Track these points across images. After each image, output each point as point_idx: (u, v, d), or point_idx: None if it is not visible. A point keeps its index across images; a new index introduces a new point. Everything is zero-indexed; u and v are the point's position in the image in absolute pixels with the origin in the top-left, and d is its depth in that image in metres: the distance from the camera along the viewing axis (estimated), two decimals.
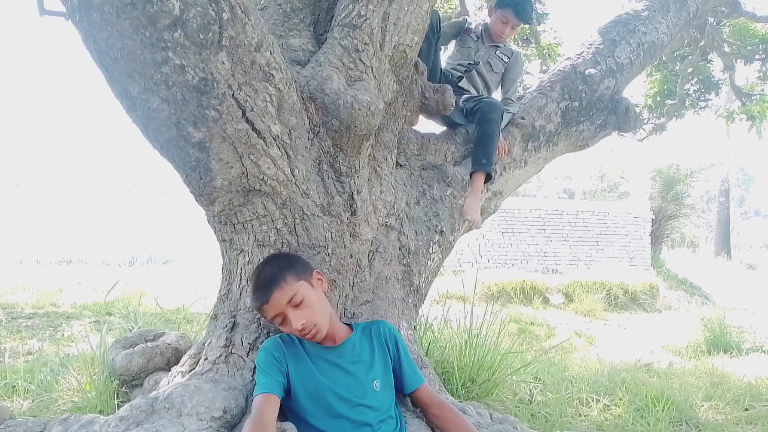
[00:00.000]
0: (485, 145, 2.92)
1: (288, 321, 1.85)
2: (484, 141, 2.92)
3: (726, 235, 21.49)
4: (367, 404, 1.86)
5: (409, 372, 2.06)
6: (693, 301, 11.80)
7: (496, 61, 3.31)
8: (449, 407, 2.06)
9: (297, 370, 1.86)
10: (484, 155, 2.89)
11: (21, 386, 2.86)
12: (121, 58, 1.78)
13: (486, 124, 2.93)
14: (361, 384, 1.89)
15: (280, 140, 2.04)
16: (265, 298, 1.84)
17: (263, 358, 1.86)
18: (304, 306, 1.85)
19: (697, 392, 3.58)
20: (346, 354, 1.94)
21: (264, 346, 1.92)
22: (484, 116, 2.95)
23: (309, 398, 1.83)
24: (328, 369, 1.89)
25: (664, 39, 3.72)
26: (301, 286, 1.87)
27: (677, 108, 6.28)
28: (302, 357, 1.90)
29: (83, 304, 6.51)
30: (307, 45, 2.46)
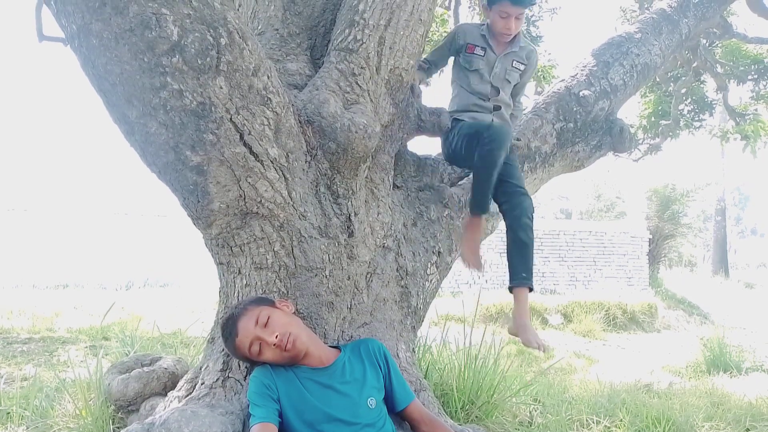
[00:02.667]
0: (523, 255, 2.52)
1: (263, 341, 1.86)
2: (521, 250, 2.52)
3: (723, 254, 21.51)
4: (364, 422, 1.85)
5: (399, 389, 2.05)
6: (692, 321, 11.77)
7: (514, 73, 2.84)
8: (440, 424, 2.05)
9: (288, 395, 1.86)
10: (523, 267, 2.50)
11: (15, 413, 2.83)
12: (119, 83, 1.80)
13: (520, 230, 2.52)
14: (355, 403, 1.88)
15: (277, 163, 2.05)
16: (234, 332, 1.89)
17: (254, 389, 1.87)
18: (272, 322, 1.89)
19: (698, 412, 3.55)
20: (336, 374, 1.94)
21: (253, 376, 1.93)
22: (517, 221, 2.53)
23: (302, 423, 1.83)
24: (319, 391, 1.88)
25: (657, 60, 3.76)
26: (263, 309, 1.92)
27: (672, 128, 6.34)
28: (292, 381, 1.89)
29: (79, 328, 6.47)
30: (304, 69, 2.49)
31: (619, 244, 14.06)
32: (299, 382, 1.89)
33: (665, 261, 17.87)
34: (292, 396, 1.86)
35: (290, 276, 2.19)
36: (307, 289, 2.20)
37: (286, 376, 1.90)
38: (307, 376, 1.91)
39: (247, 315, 1.90)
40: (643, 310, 10.92)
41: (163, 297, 9.78)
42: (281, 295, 2.20)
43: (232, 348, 1.93)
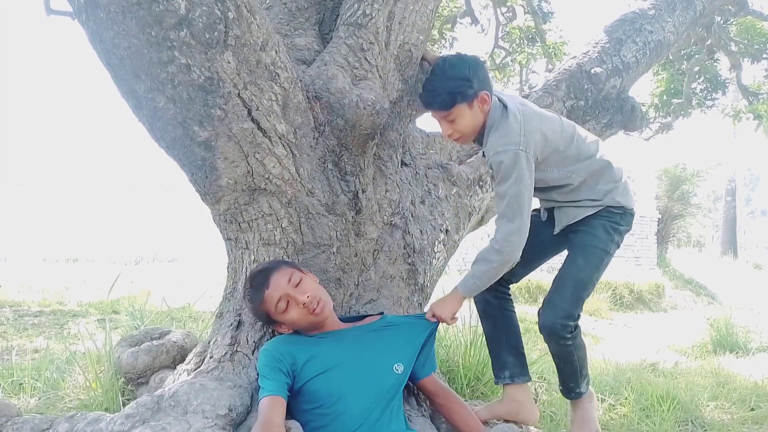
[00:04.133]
0: (563, 370, 2.23)
1: (292, 300, 1.88)
2: (560, 365, 2.22)
3: (732, 234, 21.40)
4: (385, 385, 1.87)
5: (429, 359, 2.09)
6: (699, 301, 11.76)
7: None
8: (454, 396, 2.10)
9: (302, 360, 1.86)
10: (571, 379, 2.22)
11: (28, 384, 2.87)
12: (127, 57, 1.79)
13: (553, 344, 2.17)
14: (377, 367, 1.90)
15: (285, 139, 2.04)
16: (266, 283, 1.89)
17: (264, 361, 1.87)
18: (304, 284, 1.92)
19: (703, 392, 3.56)
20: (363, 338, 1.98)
21: (263, 349, 1.93)
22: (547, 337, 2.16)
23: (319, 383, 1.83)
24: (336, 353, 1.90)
25: (670, 38, 3.70)
26: (295, 271, 1.95)
27: (684, 107, 6.26)
28: (308, 346, 1.91)
29: (89, 302, 6.54)
30: (312, 44, 2.47)
31: None
32: (317, 348, 1.91)
33: (674, 241, 17.82)
34: (309, 362, 1.86)
35: (298, 252, 2.20)
36: (315, 266, 2.21)
37: (303, 344, 1.92)
38: (328, 340, 1.95)
39: (281, 271, 1.93)
40: (650, 290, 10.92)
41: (171, 272, 9.85)
42: None
43: (259, 300, 1.91)
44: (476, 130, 2.12)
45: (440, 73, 2.05)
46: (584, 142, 2.15)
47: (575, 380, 2.21)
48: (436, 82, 2.06)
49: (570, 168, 2.11)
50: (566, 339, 2.09)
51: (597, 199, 2.12)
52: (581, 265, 2.11)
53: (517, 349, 2.29)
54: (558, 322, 2.07)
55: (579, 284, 2.11)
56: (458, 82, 2.01)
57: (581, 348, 2.18)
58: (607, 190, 2.12)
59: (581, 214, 2.14)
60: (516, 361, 2.26)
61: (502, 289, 2.30)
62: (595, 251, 2.11)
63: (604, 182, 2.13)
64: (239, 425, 1.88)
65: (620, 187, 2.14)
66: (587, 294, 2.13)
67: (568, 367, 2.18)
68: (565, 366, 2.19)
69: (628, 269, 12.75)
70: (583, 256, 2.12)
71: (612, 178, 2.14)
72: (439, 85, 2.05)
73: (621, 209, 2.12)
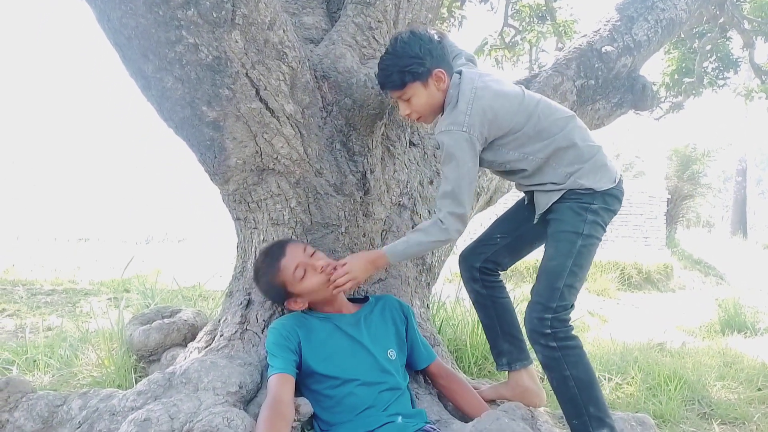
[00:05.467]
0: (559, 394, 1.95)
1: (309, 267, 1.92)
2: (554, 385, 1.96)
3: (742, 214, 21.25)
4: (386, 370, 1.90)
5: (422, 348, 2.10)
6: (707, 281, 11.74)
7: None
8: (457, 378, 2.12)
9: (308, 341, 1.89)
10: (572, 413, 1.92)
11: (41, 361, 2.92)
12: (135, 37, 1.78)
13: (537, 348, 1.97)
14: (376, 352, 1.92)
15: (293, 119, 2.04)
16: (282, 253, 1.93)
17: (272, 340, 1.89)
18: (318, 254, 1.98)
19: (710, 372, 3.57)
20: (360, 323, 1.99)
21: (272, 327, 1.95)
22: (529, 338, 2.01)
23: (325, 365, 1.86)
24: (343, 339, 1.93)
25: (682, 16, 3.65)
26: (307, 245, 2.02)
27: (695, 86, 6.18)
28: (314, 328, 1.94)
29: (101, 281, 6.60)
30: (320, 23, 2.45)
31: (636, 203, 13.94)
32: (322, 328, 1.94)
33: (683, 221, 17.73)
34: (313, 342, 1.90)
35: (306, 232, 2.21)
36: (323, 246, 2.22)
37: (307, 325, 1.94)
38: (331, 321, 1.96)
39: (295, 243, 2.00)
40: (659, 270, 10.90)
41: (181, 251, 9.92)
42: None
43: (275, 269, 1.92)
44: (435, 109, 2.02)
45: (392, 51, 1.94)
46: (546, 120, 1.98)
47: (580, 418, 1.88)
48: (388, 60, 1.95)
49: (527, 149, 1.97)
50: (547, 338, 1.90)
51: (559, 183, 1.97)
52: (551, 254, 1.98)
53: (512, 335, 2.22)
54: (534, 316, 1.92)
55: (551, 274, 1.95)
56: (409, 60, 1.90)
57: (578, 366, 1.90)
58: (569, 173, 1.96)
59: (550, 200, 2.00)
60: (512, 347, 2.20)
61: (491, 278, 2.22)
62: (565, 236, 1.95)
63: (568, 164, 1.96)
64: (249, 402, 1.91)
65: (585, 168, 1.96)
66: (565, 282, 1.92)
67: (563, 387, 1.90)
68: (559, 385, 1.92)
69: (637, 249, 12.72)
70: (552, 245, 1.99)
71: (577, 159, 1.96)
72: (391, 64, 1.93)
73: (589, 190, 1.95)
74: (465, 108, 1.91)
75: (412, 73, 1.91)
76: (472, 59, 2.24)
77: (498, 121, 1.93)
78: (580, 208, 1.95)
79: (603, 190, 1.96)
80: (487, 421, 1.78)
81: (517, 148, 1.98)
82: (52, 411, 1.91)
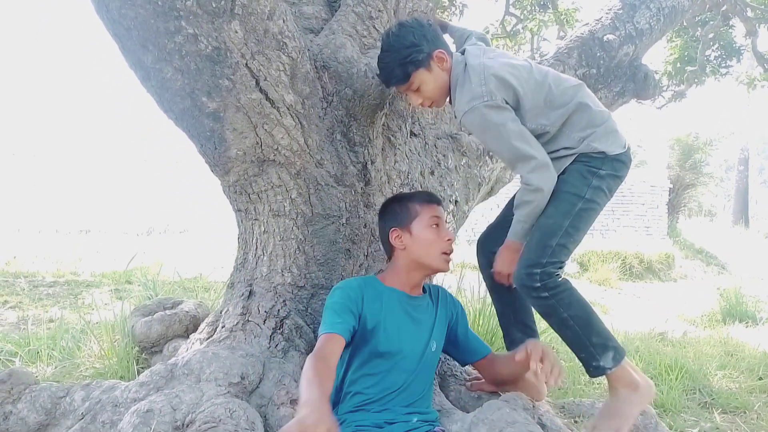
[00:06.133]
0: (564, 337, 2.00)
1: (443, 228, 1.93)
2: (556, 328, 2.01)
3: (744, 204, 21.21)
4: (425, 359, 1.87)
5: (476, 342, 2.08)
6: (709, 271, 11.73)
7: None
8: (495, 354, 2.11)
9: (371, 310, 1.82)
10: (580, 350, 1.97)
11: (44, 353, 2.93)
12: (134, 27, 1.77)
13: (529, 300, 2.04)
14: (425, 339, 1.89)
15: (293, 110, 2.03)
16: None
17: (338, 298, 1.79)
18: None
19: (711, 361, 3.58)
20: (422, 308, 1.93)
21: (341, 286, 1.85)
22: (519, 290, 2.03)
23: (381, 336, 1.80)
24: (402, 313, 1.86)
25: (684, 3, 3.62)
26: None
27: (697, 75, 6.15)
28: (381, 297, 1.85)
29: (103, 272, 6.62)
30: (320, 12, 2.43)
31: (638, 193, 13.92)
32: (388, 301, 1.85)
33: (685, 210, 17.69)
34: (376, 311, 1.82)
35: (307, 223, 2.21)
36: (324, 237, 2.22)
37: (376, 293, 1.85)
38: (400, 298, 1.88)
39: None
40: (661, 260, 10.89)
41: (182, 243, 9.93)
42: (298, 243, 2.22)
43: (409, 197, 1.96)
44: (444, 90, 2.01)
45: (387, 48, 1.94)
46: (557, 89, 1.97)
47: (585, 350, 1.94)
48: (386, 57, 1.95)
49: (541, 120, 1.96)
50: (537, 290, 1.90)
51: (572, 147, 1.97)
52: (549, 212, 1.95)
53: (525, 324, 2.22)
54: (523, 271, 1.92)
55: (545, 231, 1.94)
56: (406, 51, 1.90)
57: (572, 307, 1.94)
58: (583, 137, 1.95)
59: (562, 166, 1.99)
60: (524, 336, 2.17)
61: None
62: (566, 196, 1.94)
63: (581, 128, 1.96)
64: (251, 393, 1.92)
65: (599, 131, 1.96)
66: (558, 241, 1.92)
67: (566, 331, 1.95)
68: (561, 330, 1.97)
69: (639, 239, 12.71)
70: (553, 204, 1.95)
71: (590, 124, 1.97)
72: (390, 60, 1.94)
73: (601, 154, 1.95)
74: (479, 80, 1.89)
75: (413, 63, 1.91)
76: (483, 38, 2.24)
77: (512, 89, 1.91)
78: (588, 171, 1.95)
79: (614, 154, 1.96)
80: (488, 410, 1.79)
81: (533, 119, 1.96)
82: (55, 402, 1.92)
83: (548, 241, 1.92)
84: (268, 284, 2.24)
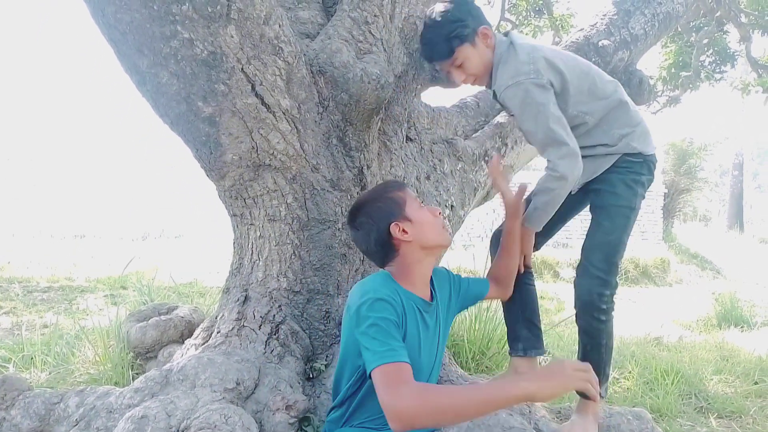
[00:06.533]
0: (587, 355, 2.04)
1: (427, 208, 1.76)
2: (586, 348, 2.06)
3: (739, 208, 21.30)
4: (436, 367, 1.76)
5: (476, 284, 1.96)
6: (704, 275, 11.76)
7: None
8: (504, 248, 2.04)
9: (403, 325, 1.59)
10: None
11: (38, 358, 2.91)
12: (129, 32, 1.77)
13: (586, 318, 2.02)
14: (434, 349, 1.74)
15: (289, 114, 2.03)
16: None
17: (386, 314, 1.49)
18: None
19: (707, 366, 3.58)
20: (435, 313, 1.75)
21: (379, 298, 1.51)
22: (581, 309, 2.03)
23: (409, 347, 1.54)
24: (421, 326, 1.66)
25: (679, 9, 3.64)
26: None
27: (692, 80, 6.18)
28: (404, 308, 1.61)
29: (97, 278, 6.60)
30: (316, 17, 2.44)
31: None
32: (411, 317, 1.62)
33: (680, 215, 17.76)
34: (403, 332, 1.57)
35: (303, 228, 2.20)
36: (320, 241, 2.21)
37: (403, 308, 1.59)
38: (418, 308, 1.65)
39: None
40: (656, 265, 10.91)
41: (178, 248, 9.91)
42: (294, 247, 2.22)
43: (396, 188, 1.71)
44: (488, 67, 2.01)
45: (431, 24, 1.95)
46: (600, 80, 2.00)
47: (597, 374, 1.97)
48: (430, 33, 1.96)
49: (583, 107, 1.97)
50: (601, 312, 1.96)
51: (611, 145, 1.98)
52: (608, 227, 1.98)
53: (531, 322, 2.20)
54: (594, 291, 1.95)
55: (610, 249, 1.98)
56: (451, 26, 1.91)
57: (611, 337, 2.02)
58: (622, 135, 1.97)
59: (599, 168, 2.01)
60: (530, 334, 2.18)
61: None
62: (621, 210, 1.97)
63: (620, 125, 1.98)
64: (247, 399, 1.91)
65: (637, 131, 1.98)
66: (619, 258, 1.99)
67: (594, 353, 2.01)
68: (591, 350, 2.02)
69: (634, 243, 12.73)
70: (608, 218, 1.98)
71: (629, 122, 1.99)
72: (434, 35, 1.94)
73: (639, 157, 1.97)
74: (527, 59, 1.88)
75: (458, 37, 1.92)
76: None
77: (560, 73, 1.92)
78: (633, 181, 1.97)
79: (649, 155, 2.00)
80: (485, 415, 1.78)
81: (575, 106, 1.96)
82: (49, 409, 1.90)
83: (614, 259, 1.97)
84: (264, 289, 2.24)
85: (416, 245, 1.67)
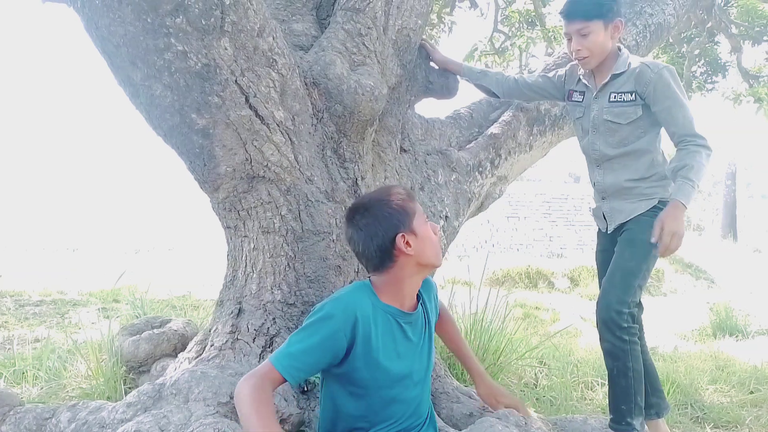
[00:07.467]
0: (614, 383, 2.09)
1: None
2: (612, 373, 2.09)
3: (732, 218, 21.41)
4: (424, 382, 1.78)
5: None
6: (699, 285, 11.77)
7: (617, 108, 2.15)
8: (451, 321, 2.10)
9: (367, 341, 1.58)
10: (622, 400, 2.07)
11: (30, 373, 2.88)
12: (123, 44, 1.77)
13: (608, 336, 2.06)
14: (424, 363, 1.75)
15: (283, 126, 2.03)
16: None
17: (325, 332, 1.53)
18: None
19: (703, 375, 3.58)
20: (415, 324, 1.73)
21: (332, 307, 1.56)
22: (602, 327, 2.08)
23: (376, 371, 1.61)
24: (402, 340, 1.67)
25: (670, 20, 3.67)
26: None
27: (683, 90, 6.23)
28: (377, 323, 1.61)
29: (90, 291, 6.55)
30: (309, 30, 2.45)
31: None
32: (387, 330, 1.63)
33: None
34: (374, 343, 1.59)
35: (297, 240, 2.19)
36: (315, 253, 2.20)
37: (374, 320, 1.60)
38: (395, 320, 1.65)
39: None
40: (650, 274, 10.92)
41: (170, 261, 9.86)
42: (288, 259, 2.21)
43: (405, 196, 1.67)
44: (604, 54, 2.13)
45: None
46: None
47: (627, 402, 2.03)
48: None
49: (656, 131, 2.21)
50: (622, 331, 2.00)
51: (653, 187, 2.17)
52: (628, 255, 2.11)
53: (657, 389, 2.28)
54: (613, 308, 2.02)
55: (628, 272, 2.09)
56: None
57: (638, 361, 2.04)
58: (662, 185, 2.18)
59: (634, 212, 2.17)
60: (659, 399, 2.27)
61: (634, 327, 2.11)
62: (643, 244, 2.07)
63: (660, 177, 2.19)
64: None
65: (666, 180, 2.18)
66: (639, 282, 2.09)
67: (621, 378, 2.03)
68: (618, 375, 2.04)
69: None
70: (629, 249, 2.12)
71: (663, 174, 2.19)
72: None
73: (664, 203, 2.10)
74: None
75: (606, 8, 2.05)
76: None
77: None
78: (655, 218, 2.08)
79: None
80: (480, 427, 1.77)
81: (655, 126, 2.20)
82: (41, 424, 1.88)
83: (631, 281, 2.07)
84: (258, 302, 2.22)
85: (414, 260, 1.65)
